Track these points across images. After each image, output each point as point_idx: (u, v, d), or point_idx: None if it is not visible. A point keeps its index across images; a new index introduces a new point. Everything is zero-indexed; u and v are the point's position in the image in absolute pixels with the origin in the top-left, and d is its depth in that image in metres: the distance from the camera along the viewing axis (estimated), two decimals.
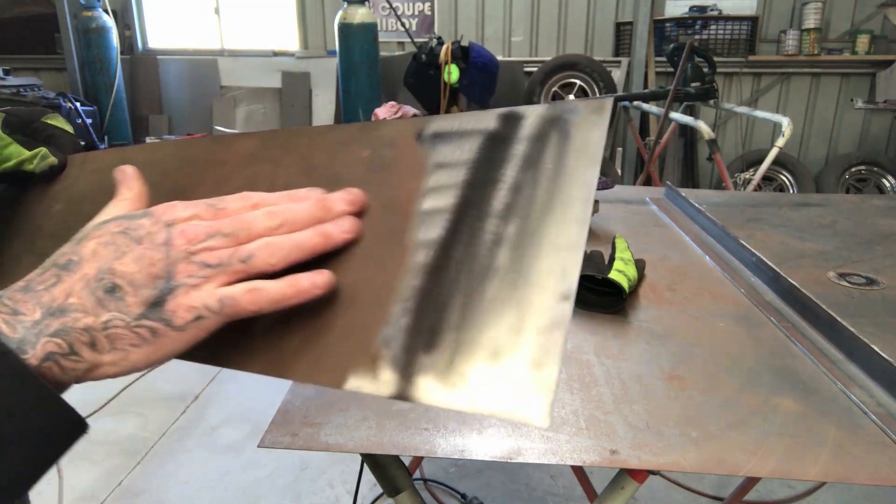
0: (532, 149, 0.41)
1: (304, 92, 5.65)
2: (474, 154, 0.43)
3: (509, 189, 0.40)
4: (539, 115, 0.42)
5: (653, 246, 1.27)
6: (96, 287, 0.36)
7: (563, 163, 0.40)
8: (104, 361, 0.36)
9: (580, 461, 0.63)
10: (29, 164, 0.63)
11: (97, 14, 5.17)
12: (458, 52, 4.24)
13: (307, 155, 0.50)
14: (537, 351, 0.35)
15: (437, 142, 0.45)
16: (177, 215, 0.40)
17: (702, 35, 5.11)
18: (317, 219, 0.42)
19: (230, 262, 0.39)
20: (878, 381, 0.75)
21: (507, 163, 0.41)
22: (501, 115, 0.43)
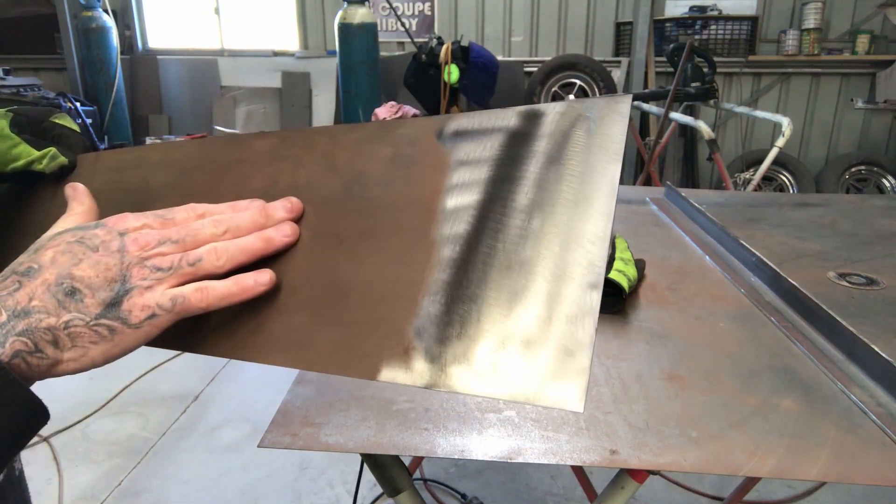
0: (554, 145, 0.42)
1: (304, 92, 5.65)
2: (496, 151, 0.43)
3: (533, 185, 0.41)
4: (559, 112, 0.43)
5: (653, 246, 1.27)
6: (57, 290, 0.39)
7: (587, 158, 0.41)
8: (65, 358, 0.39)
9: (580, 461, 0.63)
10: (38, 164, 0.63)
11: (97, 14, 5.17)
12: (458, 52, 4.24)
13: (328, 153, 0.50)
14: (568, 339, 0.37)
15: (458, 140, 0.45)
16: (128, 225, 0.44)
17: (702, 35, 5.11)
18: (259, 225, 0.46)
19: (180, 266, 0.42)
20: (878, 381, 0.75)
21: (530, 159, 0.42)
22: (522, 113, 0.44)
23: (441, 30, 5.52)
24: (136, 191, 0.59)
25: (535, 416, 0.70)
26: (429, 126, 0.47)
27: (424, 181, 0.45)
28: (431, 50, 4.28)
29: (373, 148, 0.49)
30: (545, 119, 0.43)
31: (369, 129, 0.50)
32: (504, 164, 0.43)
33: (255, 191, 0.51)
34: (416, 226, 0.44)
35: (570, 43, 5.51)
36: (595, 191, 0.40)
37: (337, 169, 0.49)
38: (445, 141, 0.46)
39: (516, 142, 0.43)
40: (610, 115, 0.41)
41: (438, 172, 0.45)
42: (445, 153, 0.45)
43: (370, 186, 0.47)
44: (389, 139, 0.48)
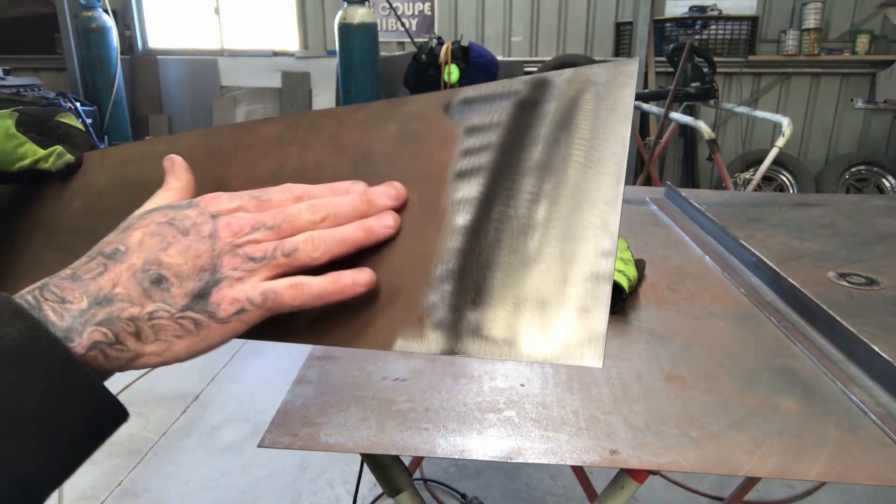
0: (563, 110, 0.42)
1: (304, 92, 5.65)
2: (505, 118, 0.43)
3: (543, 149, 0.41)
4: (567, 79, 0.43)
5: (653, 246, 1.27)
6: (143, 277, 0.37)
7: (597, 121, 0.41)
8: (147, 351, 0.37)
9: (580, 461, 0.63)
10: (45, 162, 0.63)
11: (97, 14, 5.17)
12: (458, 52, 4.24)
13: (335, 134, 0.50)
14: (584, 297, 0.37)
15: (465, 110, 0.45)
16: (222, 206, 0.40)
17: (702, 35, 5.11)
18: (360, 212, 0.42)
19: (274, 256, 0.39)
20: (878, 381, 0.75)
21: (539, 125, 0.42)
22: (529, 81, 0.44)
23: (441, 30, 5.52)
24: (142, 182, 0.58)
25: (535, 416, 0.70)
26: (435, 100, 0.47)
27: (433, 154, 0.45)
28: (431, 50, 4.28)
29: (379, 126, 0.49)
30: (553, 86, 0.43)
31: (375, 108, 0.50)
32: (513, 131, 0.43)
33: (263, 175, 0.51)
34: (426, 197, 0.44)
35: (570, 43, 5.51)
36: (607, 152, 0.40)
37: (344, 149, 0.49)
38: (453, 113, 0.46)
39: (524, 109, 0.43)
40: (618, 79, 0.41)
41: (447, 144, 0.45)
42: (453, 125, 0.45)
43: (378, 163, 0.47)
44: (396, 116, 0.48)
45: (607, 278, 0.37)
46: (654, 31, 5.11)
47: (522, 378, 0.78)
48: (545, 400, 0.73)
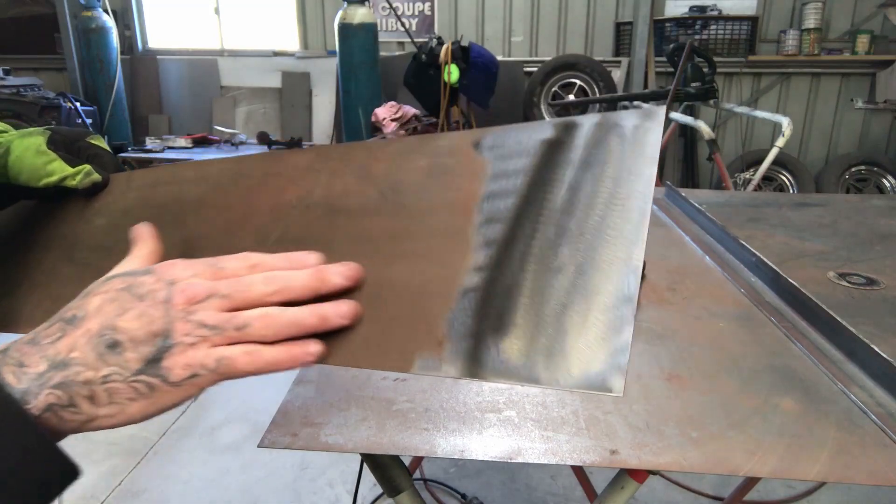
0: (590, 152, 0.43)
1: (304, 92, 5.65)
2: (533, 159, 0.45)
3: (569, 188, 0.43)
4: (595, 122, 0.45)
5: (653, 246, 1.27)
6: (98, 342, 0.38)
7: (623, 162, 0.42)
8: (101, 414, 0.38)
9: (580, 461, 0.63)
10: (72, 180, 0.65)
11: (97, 14, 5.17)
12: (458, 52, 4.24)
13: (365, 165, 0.51)
14: (605, 329, 0.38)
15: (495, 147, 0.47)
16: (177, 274, 0.41)
17: (702, 35, 5.11)
18: (312, 290, 0.42)
19: (226, 328, 0.40)
20: (878, 381, 0.75)
21: (567, 165, 0.44)
22: (558, 124, 0.46)
23: (441, 30, 5.52)
24: (170, 204, 0.60)
25: (535, 416, 0.70)
26: (467, 137, 0.49)
27: (461, 187, 0.46)
28: (431, 50, 4.28)
29: (409, 159, 0.50)
30: (581, 129, 0.45)
31: (407, 143, 0.51)
32: (541, 170, 0.44)
33: (290, 201, 0.53)
34: (451, 228, 0.45)
35: (570, 43, 5.50)
36: (632, 191, 0.41)
37: (373, 179, 0.50)
38: (483, 150, 0.47)
39: (553, 150, 0.44)
40: (644, 125, 0.44)
41: (475, 179, 0.46)
42: (483, 162, 0.47)
43: (406, 193, 0.48)
44: (426, 150, 0.50)
45: (630, 313, 0.38)
46: (654, 31, 5.11)
47: None
48: (545, 400, 0.73)
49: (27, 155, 0.63)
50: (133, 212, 0.63)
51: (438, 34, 5.03)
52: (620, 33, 5.40)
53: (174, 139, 5.11)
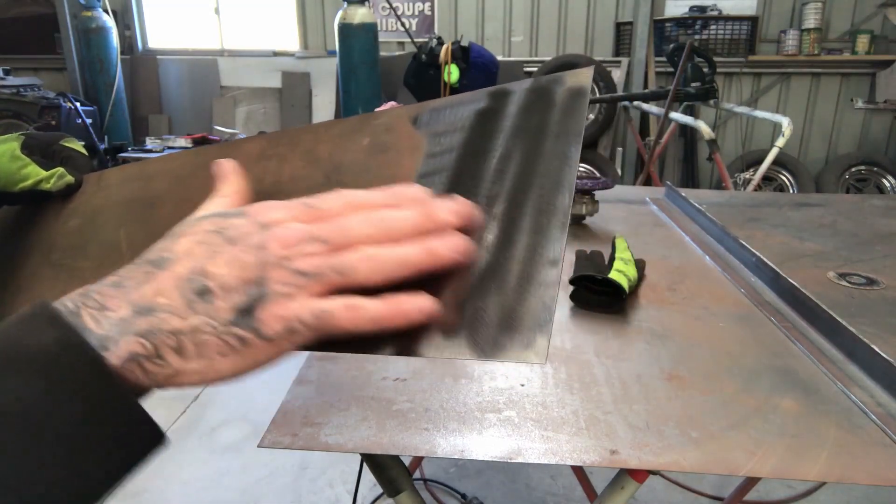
0: (521, 119, 0.44)
1: (304, 92, 5.65)
2: (467, 129, 0.45)
3: (500, 157, 0.43)
4: (526, 88, 0.45)
5: (653, 246, 1.27)
6: (187, 288, 0.34)
7: (550, 129, 0.42)
8: (188, 369, 0.34)
9: (580, 461, 0.63)
10: (46, 183, 0.66)
11: (97, 14, 5.17)
12: (458, 52, 4.23)
13: (312, 148, 0.52)
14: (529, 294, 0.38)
15: (431, 121, 0.48)
16: (272, 216, 0.37)
17: (702, 35, 5.11)
18: (421, 228, 0.38)
19: (326, 273, 0.35)
20: (878, 381, 0.75)
21: (499, 134, 0.44)
22: (491, 93, 0.46)
23: (441, 30, 5.52)
24: (136, 199, 0.62)
25: (535, 416, 0.70)
26: (405, 113, 0.50)
27: (400, 162, 0.47)
28: (431, 50, 4.28)
29: (352, 139, 0.51)
30: (513, 96, 0.45)
31: (350, 122, 0.52)
32: (474, 139, 0.44)
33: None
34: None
35: (570, 43, 5.50)
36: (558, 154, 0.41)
37: (319, 162, 0.51)
38: (420, 125, 0.48)
39: (487, 119, 0.45)
40: (572, 88, 0.43)
41: (413, 153, 0.47)
42: (419, 136, 0.47)
43: (348, 174, 0.49)
44: (368, 129, 0.51)
45: (555, 277, 0.38)
46: (654, 31, 5.11)
47: (522, 378, 0.78)
48: (545, 400, 0.73)
49: (2, 161, 0.65)
50: (103, 210, 0.64)
51: (438, 34, 5.02)
52: (620, 33, 5.40)
53: (174, 139, 5.11)
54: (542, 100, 0.44)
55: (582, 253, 1.12)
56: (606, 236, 1.31)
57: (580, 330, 0.91)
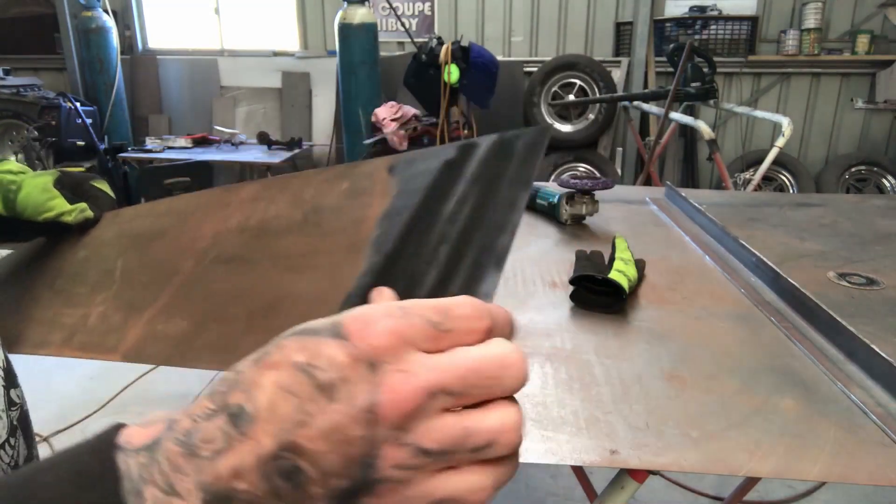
0: (481, 168, 0.47)
1: (304, 92, 5.65)
2: (432, 175, 0.49)
3: (458, 201, 0.46)
4: (491, 140, 0.48)
5: (653, 246, 1.27)
6: (272, 470, 0.26)
7: (505, 177, 0.45)
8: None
9: (580, 461, 0.63)
10: (68, 216, 0.73)
11: (97, 14, 5.17)
12: (458, 52, 4.23)
13: (297, 192, 0.58)
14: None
15: (404, 170, 0.51)
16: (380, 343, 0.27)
17: (702, 35, 5.11)
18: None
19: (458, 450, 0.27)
20: (878, 381, 0.75)
21: (460, 180, 0.47)
22: (460, 146, 0.49)
23: (441, 30, 5.51)
24: (141, 234, 0.69)
25: (534, 416, 0.70)
26: (383, 162, 0.54)
27: (371, 205, 0.51)
28: (431, 50, 4.28)
29: (334, 184, 0.55)
30: (478, 148, 0.48)
31: (336, 169, 0.57)
32: (437, 185, 0.48)
33: (231, 227, 0.60)
34: (354, 242, 0.49)
35: (570, 43, 5.50)
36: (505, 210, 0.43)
37: (301, 203, 0.56)
38: (395, 173, 0.52)
39: (452, 167, 0.48)
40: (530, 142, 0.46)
41: (383, 197, 0.50)
42: (393, 182, 0.51)
43: (325, 214, 0.54)
44: (350, 175, 0.55)
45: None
46: (654, 31, 5.11)
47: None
48: (545, 400, 0.73)
49: (34, 192, 0.72)
50: (110, 243, 0.71)
51: (438, 34, 5.02)
52: (620, 33, 5.40)
53: (174, 139, 5.11)
54: (503, 151, 0.46)
55: (582, 253, 1.12)
56: (606, 236, 1.31)
57: (580, 330, 0.91)
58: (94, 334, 0.61)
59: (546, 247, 1.29)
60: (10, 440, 0.51)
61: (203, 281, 0.58)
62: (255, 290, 0.53)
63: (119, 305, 0.62)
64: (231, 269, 0.57)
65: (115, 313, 0.61)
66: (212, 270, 0.58)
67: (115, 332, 0.59)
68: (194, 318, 0.54)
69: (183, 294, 0.58)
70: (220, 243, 0.60)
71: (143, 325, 0.58)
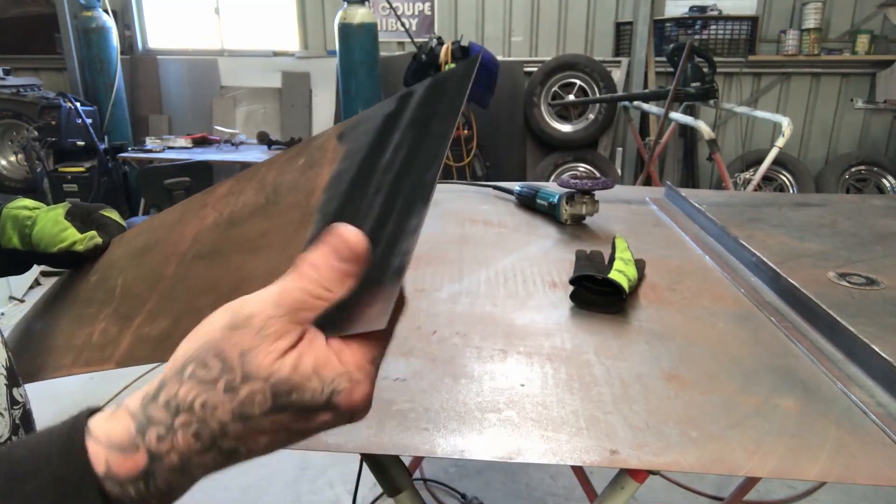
0: (416, 112, 0.47)
1: (304, 92, 5.64)
2: (373, 132, 0.49)
3: (394, 149, 0.46)
4: (426, 84, 0.48)
5: (653, 246, 1.27)
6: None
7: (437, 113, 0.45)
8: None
9: (580, 461, 0.63)
10: (79, 244, 0.76)
11: (97, 14, 5.17)
12: (458, 52, 4.23)
13: (262, 177, 0.60)
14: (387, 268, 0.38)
15: (351, 133, 0.52)
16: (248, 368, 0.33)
17: (702, 35, 5.11)
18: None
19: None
20: (878, 381, 0.75)
21: (396, 129, 0.48)
22: (399, 96, 0.50)
23: (441, 30, 5.51)
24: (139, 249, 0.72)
25: (535, 416, 0.70)
26: (333, 131, 0.55)
27: (320, 174, 0.52)
28: (431, 50, 4.28)
29: (292, 162, 0.57)
30: (414, 95, 0.48)
31: (295, 148, 0.59)
32: (377, 141, 0.48)
33: (208, 224, 0.62)
34: (304, 213, 0.50)
35: (570, 43, 5.50)
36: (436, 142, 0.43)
37: (265, 187, 0.58)
38: (343, 139, 0.53)
39: (391, 119, 0.49)
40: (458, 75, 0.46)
41: (331, 165, 0.51)
42: (340, 148, 0.52)
43: (283, 192, 0.55)
44: (305, 151, 0.56)
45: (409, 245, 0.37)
46: (654, 31, 5.10)
47: (522, 378, 0.78)
48: (545, 400, 0.73)
49: (47, 225, 0.76)
50: (115, 263, 0.74)
51: (438, 34, 5.02)
52: (620, 33, 5.40)
53: (174, 139, 5.11)
54: (436, 91, 0.47)
55: (582, 253, 1.12)
56: (606, 236, 1.31)
57: (580, 330, 0.91)
58: (96, 349, 0.63)
59: (546, 247, 1.29)
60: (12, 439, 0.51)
61: (183, 280, 0.60)
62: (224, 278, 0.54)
63: (116, 319, 0.64)
64: (206, 263, 0.59)
65: (113, 326, 0.63)
66: (191, 268, 0.60)
67: (111, 344, 0.62)
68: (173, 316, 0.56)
69: (166, 296, 0.60)
70: (199, 241, 0.62)
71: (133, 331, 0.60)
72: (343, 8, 4.57)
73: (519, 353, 0.84)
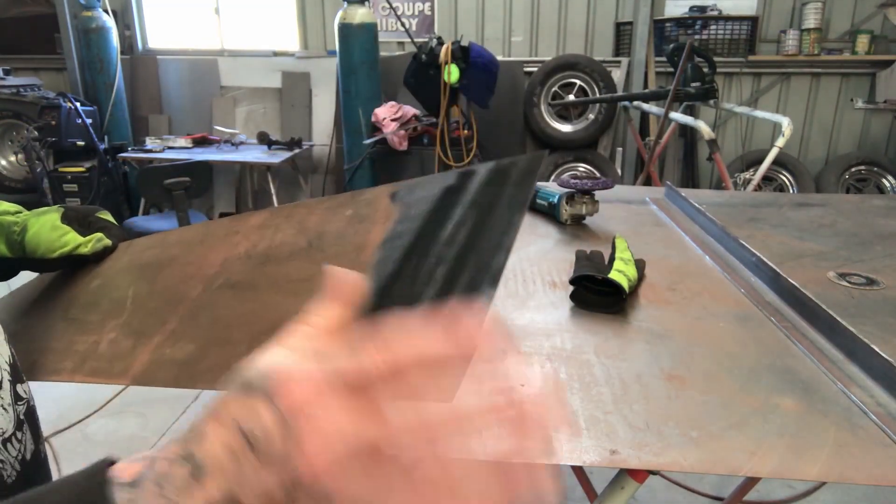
0: (479, 194, 0.48)
1: (304, 92, 5.65)
2: (432, 202, 0.50)
3: (456, 224, 0.47)
4: (489, 167, 0.49)
5: (653, 246, 1.27)
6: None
7: (502, 201, 0.46)
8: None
9: (580, 461, 0.63)
10: (84, 247, 0.75)
11: (97, 14, 5.17)
12: (458, 52, 4.23)
13: (303, 220, 0.61)
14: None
15: (405, 196, 0.52)
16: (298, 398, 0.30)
17: (702, 35, 5.11)
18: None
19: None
20: (878, 381, 0.75)
21: (458, 206, 0.48)
22: (460, 173, 0.51)
23: (441, 30, 5.51)
24: (151, 263, 0.72)
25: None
26: (385, 189, 0.56)
27: (372, 231, 0.53)
28: (431, 50, 4.28)
29: (338, 211, 0.58)
30: (477, 174, 0.49)
31: (340, 198, 0.60)
32: (436, 212, 0.49)
33: (239, 253, 0.62)
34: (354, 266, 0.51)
35: (570, 43, 5.50)
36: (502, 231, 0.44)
37: (306, 230, 0.59)
38: (396, 199, 0.53)
39: (451, 193, 0.49)
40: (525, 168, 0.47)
41: (384, 223, 0.52)
42: (394, 208, 0.53)
43: (328, 240, 0.56)
44: (353, 203, 0.58)
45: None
46: (654, 31, 5.10)
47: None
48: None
49: (43, 231, 0.73)
50: (122, 273, 0.74)
51: (438, 34, 5.02)
52: (620, 33, 5.40)
53: (174, 139, 5.11)
54: (500, 176, 0.48)
55: (582, 253, 1.12)
56: (606, 236, 1.31)
57: (580, 330, 0.91)
58: (104, 360, 0.64)
59: (546, 247, 1.29)
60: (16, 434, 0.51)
61: (210, 306, 0.60)
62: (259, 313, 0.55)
63: (128, 332, 0.65)
64: (236, 294, 0.59)
65: (125, 339, 0.64)
66: (219, 296, 0.61)
67: (123, 358, 0.62)
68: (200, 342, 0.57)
69: (190, 319, 0.61)
70: (228, 269, 0.62)
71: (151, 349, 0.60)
72: (343, 8, 4.57)
73: (519, 353, 0.84)
